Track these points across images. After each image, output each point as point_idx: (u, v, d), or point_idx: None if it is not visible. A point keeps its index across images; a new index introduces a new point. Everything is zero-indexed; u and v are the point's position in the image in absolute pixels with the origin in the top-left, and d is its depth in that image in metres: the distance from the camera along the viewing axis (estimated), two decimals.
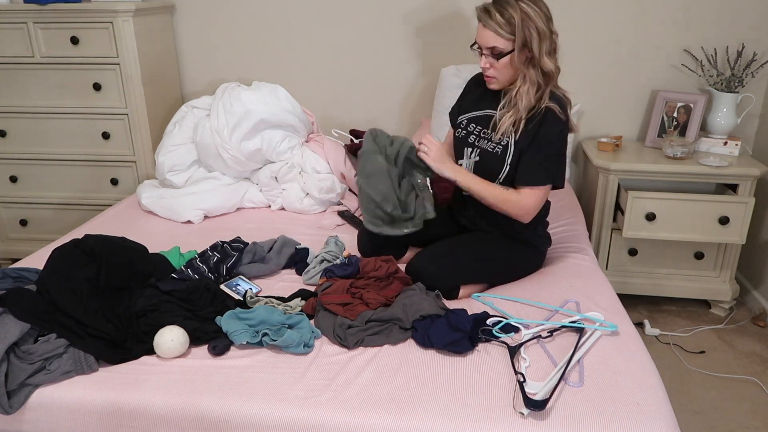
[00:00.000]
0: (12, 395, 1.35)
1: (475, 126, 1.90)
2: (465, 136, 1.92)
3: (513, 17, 1.67)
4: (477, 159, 1.87)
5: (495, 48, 1.72)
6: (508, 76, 1.78)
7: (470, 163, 1.90)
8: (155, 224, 2.31)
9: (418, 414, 1.27)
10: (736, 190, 2.43)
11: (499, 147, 1.82)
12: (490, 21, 1.70)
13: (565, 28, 2.70)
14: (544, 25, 1.70)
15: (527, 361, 1.43)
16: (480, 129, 1.89)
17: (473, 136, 1.90)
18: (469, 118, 1.93)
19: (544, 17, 1.70)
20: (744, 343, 2.41)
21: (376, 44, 2.84)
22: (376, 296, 1.66)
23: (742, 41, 2.60)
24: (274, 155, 2.44)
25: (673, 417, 1.28)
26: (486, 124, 1.87)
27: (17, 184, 2.83)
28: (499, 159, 1.82)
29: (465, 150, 1.91)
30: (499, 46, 1.71)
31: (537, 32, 1.69)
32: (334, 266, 1.80)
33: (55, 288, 1.53)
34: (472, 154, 1.88)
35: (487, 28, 1.71)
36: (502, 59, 1.73)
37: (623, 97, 2.79)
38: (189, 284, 1.69)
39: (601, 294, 1.74)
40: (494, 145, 1.83)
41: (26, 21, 2.54)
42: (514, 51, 1.71)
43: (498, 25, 1.69)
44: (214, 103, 2.46)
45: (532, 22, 1.68)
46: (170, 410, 1.32)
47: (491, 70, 1.77)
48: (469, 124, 1.92)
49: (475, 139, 1.89)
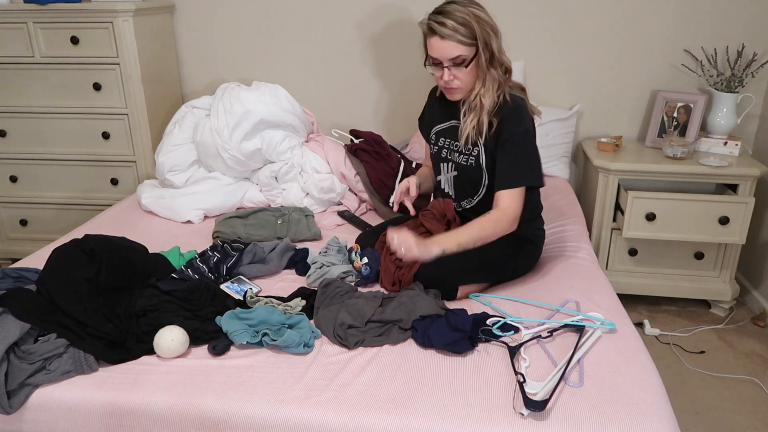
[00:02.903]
0: (12, 395, 1.35)
1: (444, 140, 1.90)
2: (438, 151, 1.92)
3: (468, 21, 1.65)
4: (455, 174, 1.87)
5: (458, 57, 1.69)
6: (471, 83, 1.75)
7: (449, 178, 1.90)
8: (155, 224, 2.31)
9: (418, 414, 1.27)
10: (736, 190, 2.43)
11: (472, 158, 1.81)
12: (446, 30, 1.66)
13: (564, 28, 2.71)
14: (493, 23, 1.69)
15: (527, 361, 1.43)
16: (449, 141, 1.88)
17: (445, 150, 1.89)
18: (437, 132, 1.93)
19: (486, 14, 1.70)
20: (744, 343, 2.41)
21: (377, 44, 2.84)
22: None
23: (742, 41, 2.60)
24: (274, 155, 2.44)
25: (673, 417, 1.28)
26: (452, 135, 1.86)
27: (17, 184, 2.83)
28: (476, 169, 1.81)
29: (441, 165, 1.91)
30: (462, 54, 1.68)
31: (492, 29, 1.68)
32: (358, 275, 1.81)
33: (55, 288, 1.53)
34: (449, 168, 1.88)
35: (447, 39, 1.67)
36: (468, 66, 1.70)
37: (623, 97, 2.79)
38: (189, 284, 1.69)
39: (601, 294, 1.74)
40: (466, 158, 1.82)
41: (26, 21, 2.54)
42: (478, 54, 1.69)
43: (456, 32, 1.66)
44: (214, 103, 2.46)
45: (484, 22, 1.67)
46: (170, 410, 1.32)
47: (455, 81, 1.74)
48: (438, 138, 1.92)
49: (447, 153, 1.88)
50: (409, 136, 2.95)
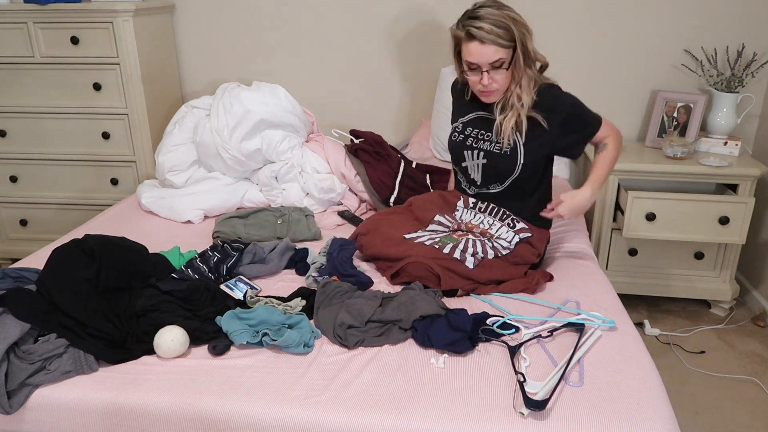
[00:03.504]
0: (12, 395, 1.35)
1: (471, 129, 1.91)
2: (463, 139, 1.92)
3: (506, 24, 1.68)
4: (485, 161, 1.87)
5: (498, 60, 1.72)
6: (508, 84, 1.78)
7: (476, 165, 1.90)
8: (155, 224, 2.31)
9: (418, 414, 1.27)
10: (736, 190, 2.43)
11: (507, 147, 1.83)
12: (488, 35, 1.68)
13: (565, 28, 2.71)
14: (525, 21, 1.73)
15: (527, 361, 1.43)
16: (477, 131, 1.89)
17: (471, 139, 1.90)
18: (464, 122, 1.94)
19: (519, 15, 1.73)
20: (744, 343, 2.41)
21: (377, 44, 2.84)
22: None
23: (742, 41, 2.60)
24: (274, 155, 2.44)
25: (673, 417, 1.28)
26: (481, 126, 1.88)
27: (17, 184, 2.83)
28: (509, 159, 1.83)
29: (465, 153, 1.91)
30: (502, 57, 1.71)
31: (526, 29, 1.72)
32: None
33: (55, 288, 1.53)
34: (476, 156, 1.88)
35: (487, 43, 1.69)
36: (507, 69, 1.73)
37: (623, 97, 2.79)
38: (189, 284, 1.69)
39: (601, 294, 1.74)
40: (500, 146, 1.84)
41: (26, 21, 2.54)
42: (516, 55, 1.72)
43: (498, 36, 1.68)
44: (214, 103, 2.46)
45: (520, 23, 1.71)
46: (170, 410, 1.32)
47: (494, 84, 1.77)
48: (465, 128, 1.93)
49: (473, 142, 1.89)
50: (409, 136, 2.95)
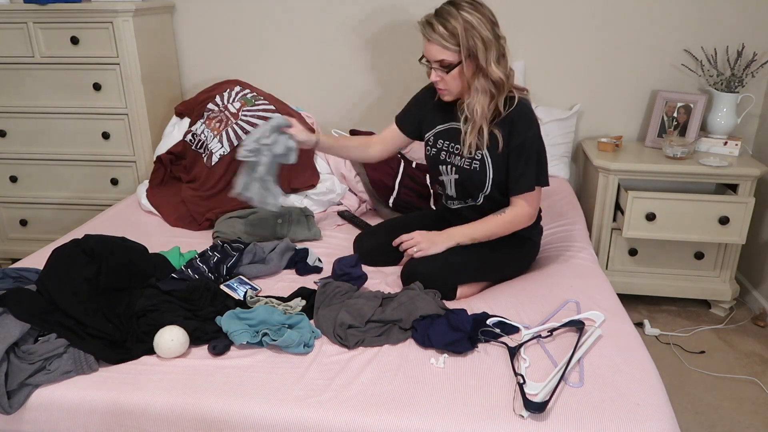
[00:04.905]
0: (12, 395, 1.35)
1: (443, 142, 1.89)
2: (436, 153, 1.90)
3: (456, 28, 1.64)
4: (456, 177, 1.86)
5: (443, 61, 1.70)
6: (459, 87, 1.76)
7: (451, 180, 1.89)
8: (155, 224, 2.31)
9: (418, 414, 1.27)
10: (736, 190, 2.43)
11: (476, 161, 1.81)
12: (433, 34, 1.67)
13: (565, 28, 2.72)
14: (489, 33, 1.66)
15: (527, 362, 1.43)
16: (448, 144, 1.87)
17: (444, 153, 1.88)
18: (436, 134, 1.91)
19: (488, 23, 1.67)
20: (744, 343, 2.41)
21: (377, 44, 2.84)
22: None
23: (742, 41, 2.60)
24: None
25: (673, 417, 1.28)
26: (453, 137, 1.86)
27: (17, 184, 2.83)
28: (479, 174, 1.81)
29: (440, 167, 1.90)
30: (446, 59, 1.69)
31: (482, 41, 1.65)
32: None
33: (55, 288, 1.53)
34: (449, 171, 1.88)
35: (432, 41, 1.69)
36: (452, 71, 1.71)
37: (623, 97, 2.79)
38: (189, 284, 1.69)
39: (601, 294, 1.74)
40: (469, 161, 1.82)
41: (26, 21, 2.54)
42: (461, 62, 1.69)
43: (442, 37, 1.66)
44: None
45: (475, 31, 1.65)
46: (170, 410, 1.32)
47: (442, 83, 1.76)
48: (437, 140, 1.91)
49: (446, 156, 1.88)
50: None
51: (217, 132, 2.37)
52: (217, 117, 2.42)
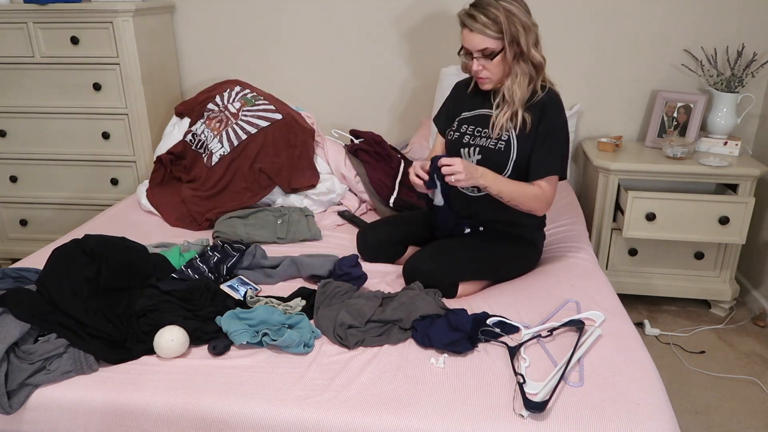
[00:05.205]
0: (12, 395, 1.35)
1: (467, 126, 1.91)
2: (459, 137, 1.92)
3: (498, 16, 1.72)
4: (479, 157, 1.87)
5: (486, 49, 1.76)
6: (500, 74, 1.82)
7: (472, 161, 1.89)
8: (155, 224, 2.31)
9: (418, 414, 1.27)
10: (736, 190, 2.43)
11: (501, 142, 1.83)
12: (476, 24, 1.74)
13: (565, 28, 2.71)
14: (527, 18, 1.75)
15: (527, 361, 1.43)
16: (474, 128, 1.89)
17: (467, 136, 1.90)
18: (461, 120, 1.94)
19: (524, 11, 1.76)
20: (744, 343, 2.41)
21: (377, 44, 2.84)
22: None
23: (742, 41, 2.60)
24: None
25: (673, 417, 1.28)
26: (480, 123, 1.89)
27: (17, 184, 2.83)
28: (502, 154, 1.83)
29: (461, 151, 1.91)
30: (490, 47, 1.76)
31: (522, 26, 1.74)
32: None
33: (55, 288, 1.53)
34: (471, 153, 1.88)
35: (475, 31, 1.75)
36: (495, 59, 1.77)
37: (623, 97, 2.79)
38: (189, 284, 1.69)
39: (601, 294, 1.74)
40: (495, 142, 1.84)
41: (26, 21, 2.54)
42: (504, 49, 1.75)
43: (485, 26, 1.73)
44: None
45: (515, 18, 1.73)
46: (170, 410, 1.32)
47: (484, 72, 1.81)
48: (461, 125, 1.93)
49: (470, 139, 1.89)
50: (409, 136, 2.95)
51: (217, 132, 2.37)
52: (217, 117, 2.42)
